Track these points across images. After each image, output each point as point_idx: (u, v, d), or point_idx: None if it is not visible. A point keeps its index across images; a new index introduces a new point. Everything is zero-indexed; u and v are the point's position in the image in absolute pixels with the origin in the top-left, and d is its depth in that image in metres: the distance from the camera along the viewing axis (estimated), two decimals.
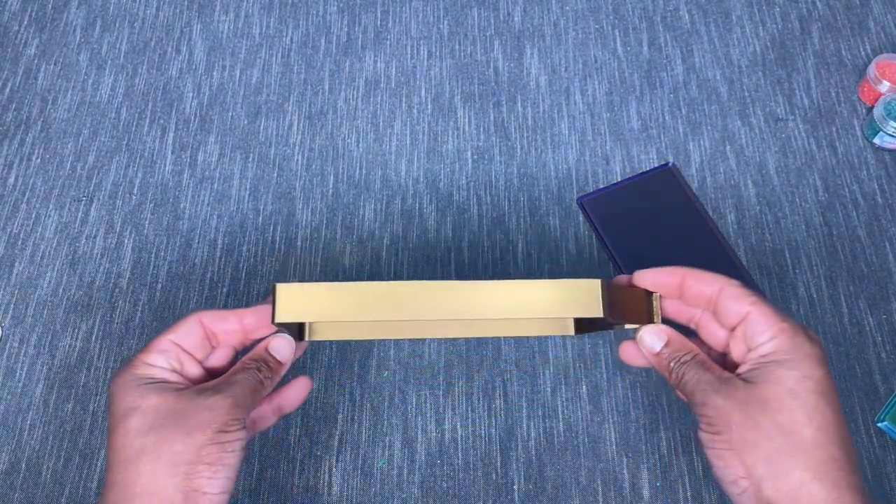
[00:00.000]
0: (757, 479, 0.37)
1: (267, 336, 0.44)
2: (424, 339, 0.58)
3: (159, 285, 0.61)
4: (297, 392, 0.48)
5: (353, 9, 0.75)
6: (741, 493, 0.38)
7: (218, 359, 0.45)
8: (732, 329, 0.42)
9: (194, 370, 0.44)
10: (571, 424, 0.56)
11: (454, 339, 0.58)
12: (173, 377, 0.42)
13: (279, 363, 0.44)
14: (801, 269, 0.61)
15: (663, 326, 0.43)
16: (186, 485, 0.39)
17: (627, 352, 0.45)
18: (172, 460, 0.39)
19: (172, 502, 0.38)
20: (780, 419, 0.38)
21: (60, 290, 0.61)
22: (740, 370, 0.41)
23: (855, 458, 0.38)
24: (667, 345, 0.43)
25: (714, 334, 0.43)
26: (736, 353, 0.42)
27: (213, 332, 0.44)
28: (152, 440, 0.39)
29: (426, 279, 0.52)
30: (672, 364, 0.42)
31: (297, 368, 0.57)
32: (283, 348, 0.45)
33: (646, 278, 0.44)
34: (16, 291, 0.61)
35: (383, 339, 0.58)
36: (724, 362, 0.43)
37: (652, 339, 0.43)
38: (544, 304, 0.41)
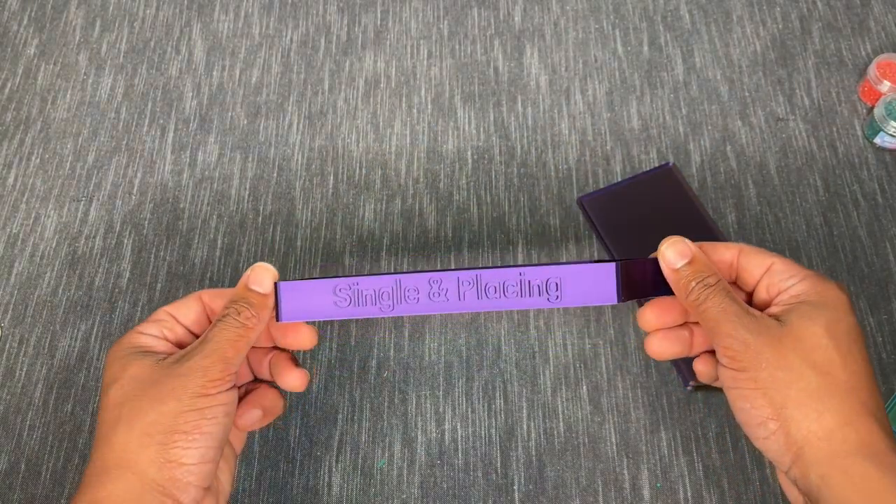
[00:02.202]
0: (786, 419, 0.36)
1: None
2: (424, 339, 0.58)
3: (159, 285, 0.61)
4: (295, 379, 0.43)
5: (353, 9, 0.74)
6: (768, 436, 0.36)
7: None
8: (752, 291, 0.41)
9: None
10: (571, 425, 0.56)
11: (454, 339, 0.58)
12: (161, 345, 0.41)
13: (262, 296, 0.41)
14: None
15: (689, 243, 0.40)
16: (161, 455, 0.36)
17: (645, 317, 0.42)
18: (146, 430, 0.37)
19: (146, 473, 0.36)
20: (815, 358, 0.36)
21: (60, 290, 0.61)
22: (770, 311, 0.39)
23: (883, 407, 0.37)
24: (690, 263, 0.40)
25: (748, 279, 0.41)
26: (759, 304, 0.40)
27: (212, 308, 0.43)
28: (126, 410, 0.37)
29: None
30: (694, 284, 0.39)
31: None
32: (263, 279, 0.41)
33: (665, 254, 0.41)
34: (15, 291, 0.61)
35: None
36: None
37: (673, 253, 0.40)
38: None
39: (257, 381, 0.46)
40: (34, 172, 0.66)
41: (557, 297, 0.40)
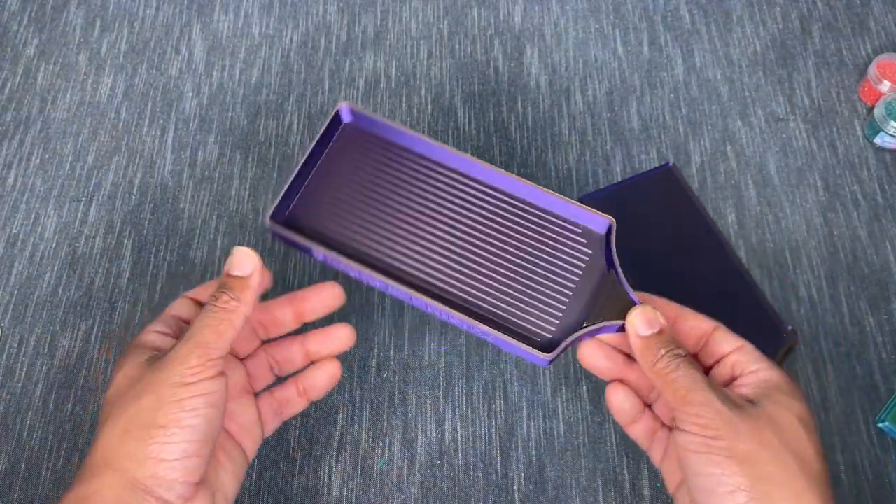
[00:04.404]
0: (762, 494, 0.36)
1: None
2: (424, 339, 0.58)
3: (159, 285, 0.61)
4: (323, 375, 0.44)
5: (353, 9, 0.74)
6: None
7: (243, 348, 0.45)
8: (715, 363, 0.42)
9: None
10: (572, 425, 0.55)
11: (454, 339, 0.58)
12: (168, 342, 0.40)
13: (242, 279, 0.40)
14: (802, 269, 0.61)
15: (659, 314, 0.41)
16: (139, 451, 0.36)
17: (588, 352, 0.43)
18: (125, 428, 0.36)
19: (127, 471, 0.36)
20: (793, 445, 0.37)
21: (60, 291, 0.61)
22: (738, 390, 0.40)
23: None
24: (659, 332, 0.40)
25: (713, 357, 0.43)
26: (720, 380, 0.42)
27: (199, 300, 0.43)
28: (111, 409, 0.37)
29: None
30: (664, 352, 0.39)
31: None
32: (242, 262, 0.40)
33: (634, 322, 0.42)
34: (15, 291, 0.61)
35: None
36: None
37: (643, 321, 0.40)
38: None
39: (281, 380, 0.46)
40: (34, 172, 0.66)
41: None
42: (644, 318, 0.41)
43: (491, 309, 0.44)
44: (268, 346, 0.46)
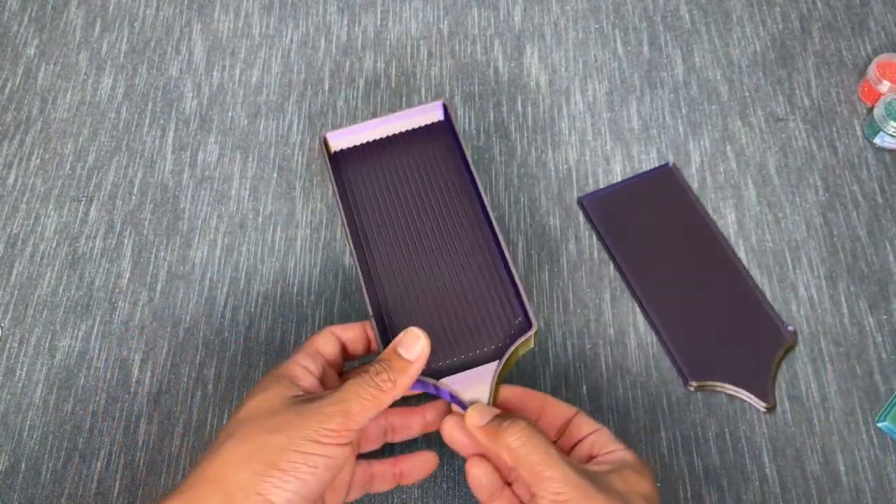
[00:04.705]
0: None
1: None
2: None
3: (159, 285, 0.61)
4: (421, 463, 0.46)
5: (353, 9, 0.75)
6: None
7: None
8: (575, 445, 0.43)
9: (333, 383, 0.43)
10: None
11: None
12: (309, 379, 0.41)
13: (406, 362, 0.40)
14: (801, 269, 0.61)
15: (494, 409, 0.42)
16: (253, 484, 0.36)
17: (448, 428, 0.43)
18: (248, 455, 0.36)
19: (234, 498, 0.36)
20: None
21: (60, 290, 0.61)
22: (592, 467, 0.40)
23: None
24: (497, 416, 0.41)
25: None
26: (579, 459, 0.43)
27: (342, 339, 0.44)
28: (241, 430, 0.38)
29: None
30: (507, 424, 0.40)
31: None
32: (412, 345, 0.41)
33: (514, 394, 0.44)
34: (15, 291, 0.61)
35: None
36: None
37: (476, 415, 0.41)
38: None
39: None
40: (34, 172, 0.66)
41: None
42: (478, 413, 0.41)
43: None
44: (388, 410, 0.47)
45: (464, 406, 0.43)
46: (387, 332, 0.46)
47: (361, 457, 0.47)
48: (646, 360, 0.58)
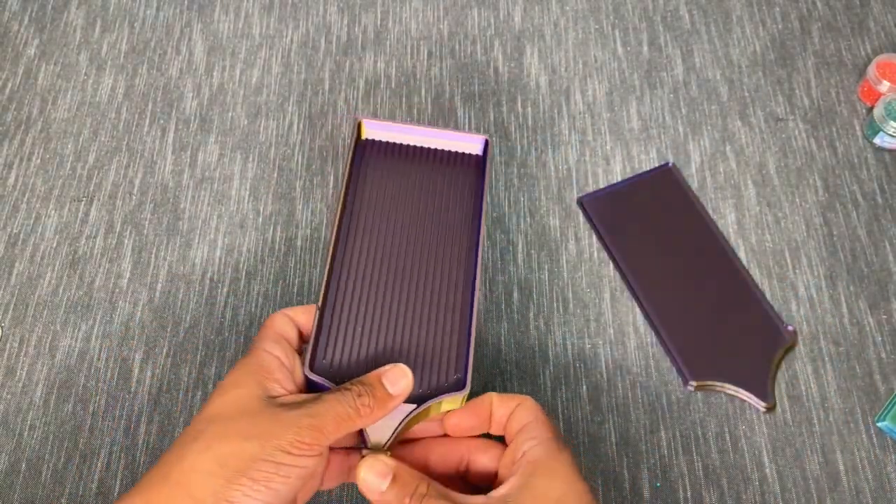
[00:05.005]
0: None
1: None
2: None
3: (159, 285, 0.61)
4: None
5: (353, 9, 0.75)
6: None
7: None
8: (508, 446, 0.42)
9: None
10: (571, 424, 0.56)
11: None
12: (283, 375, 0.40)
13: (388, 395, 0.40)
14: (801, 269, 0.61)
15: (385, 459, 0.39)
16: (222, 492, 0.35)
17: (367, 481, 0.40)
18: (218, 459, 0.36)
19: (200, 501, 0.35)
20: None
21: (60, 290, 0.61)
22: (501, 490, 0.39)
23: None
24: (394, 480, 0.38)
25: (483, 466, 0.43)
26: (505, 470, 0.42)
27: (297, 322, 0.44)
28: (213, 427, 0.37)
29: None
30: (408, 500, 0.38)
31: None
32: (397, 380, 0.40)
33: (366, 479, 0.40)
34: (16, 291, 0.61)
35: None
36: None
37: (373, 476, 0.38)
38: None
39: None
40: (35, 172, 0.66)
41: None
42: (374, 472, 0.39)
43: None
44: None
45: (364, 441, 0.41)
46: (321, 329, 0.44)
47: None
48: (646, 360, 0.58)
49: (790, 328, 0.58)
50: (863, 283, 0.60)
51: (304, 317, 0.44)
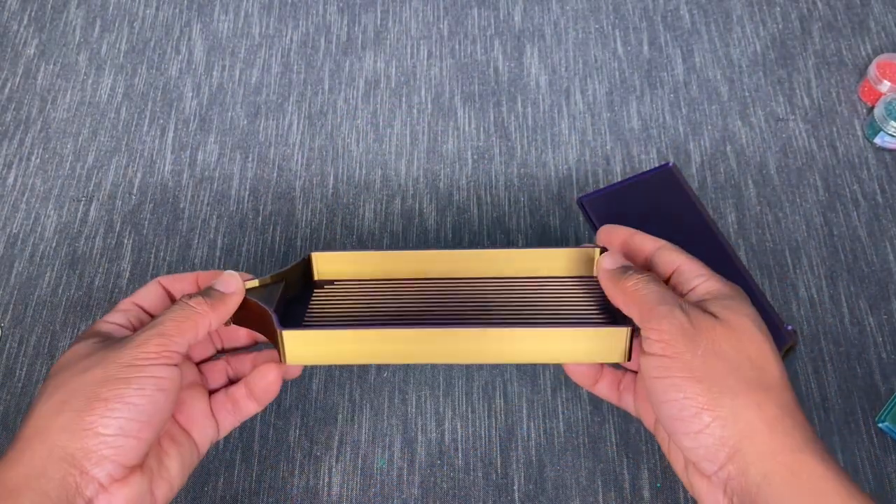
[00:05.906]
0: (724, 410, 0.34)
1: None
2: None
3: None
4: (261, 377, 0.42)
5: (353, 9, 0.75)
6: (701, 429, 0.35)
7: (199, 353, 0.45)
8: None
9: None
10: (571, 425, 0.55)
11: None
12: (124, 333, 0.40)
13: (221, 293, 0.41)
14: (802, 269, 0.61)
15: (621, 256, 0.43)
16: (75, 422, 0.34)
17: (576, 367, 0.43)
18: (64, 398, 0.35)
19: (56, 442, 0.34)
20: (750, 352, 0.36)
21: (60, 290, 0.61)
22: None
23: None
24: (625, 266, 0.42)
25: None
26: None
27: (171, 291, 0.43)
28: (51, 382, 0.36)
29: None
30: (632, 272, 0.40)
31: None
32: (228, 282, 0.41)
33: (603, 261, 0.43)
34: (15, 291, 0.61)
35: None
36: None
37: (608, 260, 0.42)
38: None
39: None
40: (34, 172, 0.66)
41: None
42: (610, 258, 0.42)
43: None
44: (226, 355, 0.46)
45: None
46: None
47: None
48: None
49: (790, 328, 0.58)
50: (863, 283, 0.60)
51: (182, 284, 0.44)
